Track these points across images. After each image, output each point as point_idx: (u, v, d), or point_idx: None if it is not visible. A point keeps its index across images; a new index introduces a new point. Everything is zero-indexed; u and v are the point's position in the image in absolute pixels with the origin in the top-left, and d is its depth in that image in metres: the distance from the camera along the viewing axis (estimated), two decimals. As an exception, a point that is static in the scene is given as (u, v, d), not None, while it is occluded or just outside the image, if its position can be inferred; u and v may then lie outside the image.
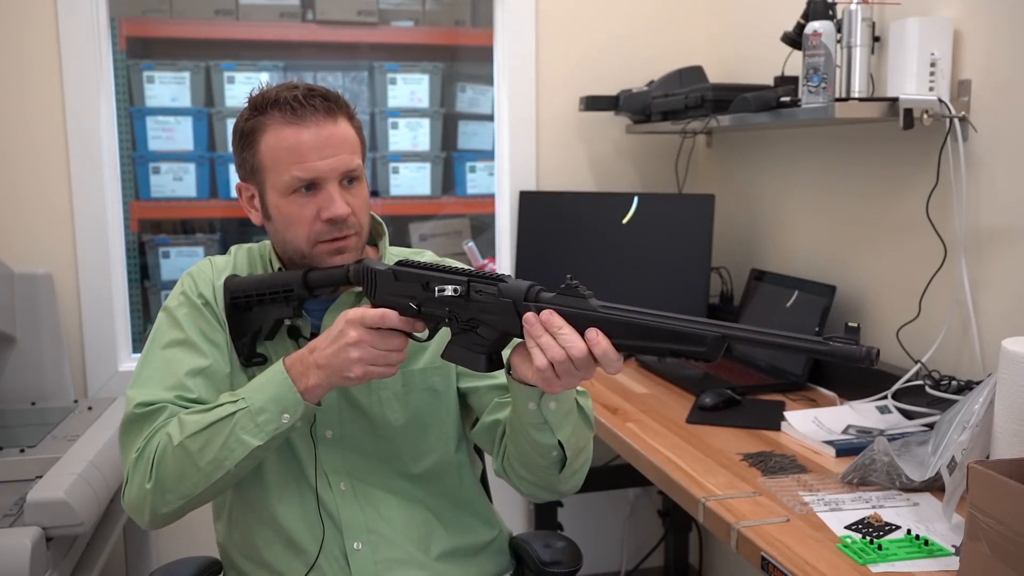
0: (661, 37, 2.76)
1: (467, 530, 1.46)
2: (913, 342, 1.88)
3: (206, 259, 1.45)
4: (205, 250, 2.96)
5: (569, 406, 1.26)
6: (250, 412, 1.24)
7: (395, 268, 1.27)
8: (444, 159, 3.02)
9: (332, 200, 1.30)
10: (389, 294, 1.26)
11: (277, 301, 1.35)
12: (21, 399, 2.27)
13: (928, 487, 1.45)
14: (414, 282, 1.25)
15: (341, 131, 1.31)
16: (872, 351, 0.96)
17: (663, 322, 1.10)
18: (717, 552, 2.76)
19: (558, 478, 1.33)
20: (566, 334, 1.11)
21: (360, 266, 1.30)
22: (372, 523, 1.37)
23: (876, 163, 2.05)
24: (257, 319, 1.37)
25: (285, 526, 1.37)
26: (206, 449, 1.24)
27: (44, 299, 2.30)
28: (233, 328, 1.37)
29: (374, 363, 1.22)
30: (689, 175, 2.77)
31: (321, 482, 1.37)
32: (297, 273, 1.35)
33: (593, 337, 1.10)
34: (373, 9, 2.97)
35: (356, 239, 1.35)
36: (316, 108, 1.29)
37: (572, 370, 1.12)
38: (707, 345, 1.05)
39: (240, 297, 1.37)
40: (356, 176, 1.34)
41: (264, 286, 1.36)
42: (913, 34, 1.76)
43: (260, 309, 1.36)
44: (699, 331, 1.06)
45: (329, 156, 1.29)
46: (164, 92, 2.85)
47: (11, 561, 1.54)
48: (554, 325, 1.12)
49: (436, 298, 1.22)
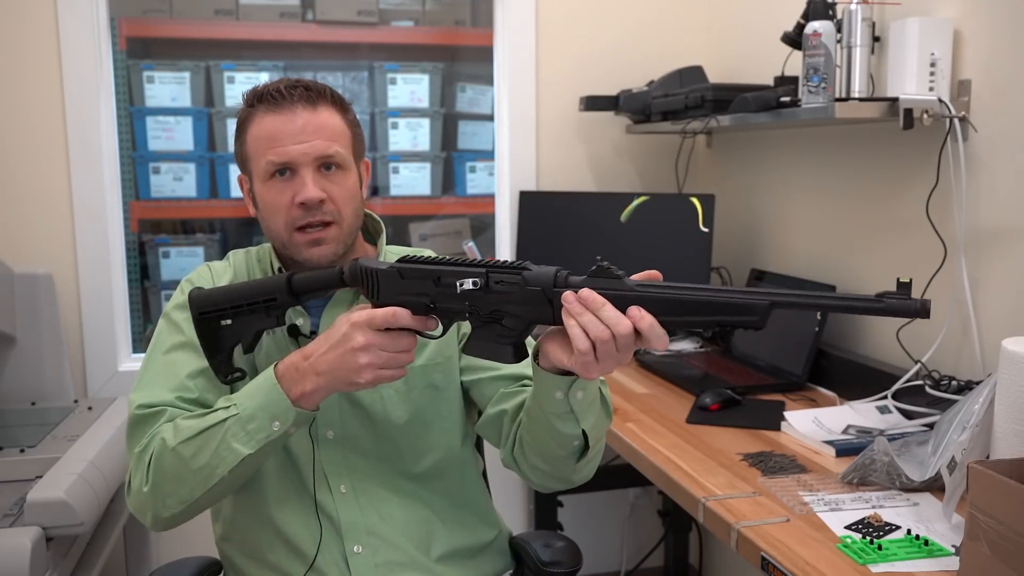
0: (661, 37, 2.76)
1: (468, 530, 1.46)
2: (913, 342, 1.88)
3: (204, 264, 1.45)
4: (205, 250, 2.96)
5: (595, 395, 1.24)
6: (240, 419, 1.22)
7: (400, 266, 1.21)
8: (444, 159, 3.02)
9: (304, 183, 1.30)
10: (396, 293, 1.21)
11: (257, 311, 1.27)
12: (21, 399, 2.27)
13: (928, 487, 1.45)
14: (424, 278, 1.19)
15: (320, 119, 1.32)
16: (927, 303, 0.97)
17: (706, 295, 1.06)
18: (717, 552, 2.76)
19: (574, 467, 1.31)
20: (609, 312, 1.07)
21: (357, 265, 1.24)
22: (372, 526, 1.37)
23: (876, 163, 2.05)
24: (233, 333, 1.28)
25: (284, 529, 1.36)
26: (198, 456, 1.23)
27: (44, 299, 2.30)
28: (205, 345, 1.29)
29: (385, 367, 1.19)
30: (689, 175, 2.77)
31: (320, 485, 1.36)
32: (280, 278, 1.28)
33: (637, 313, 1.06)
34: (373, 9, 2.97)
35: (335, 229, 1.33)
36: (296, 97, 1.31)
37: (613, 351, 1.07)
38: (759, 314, 1.03)
39: (211, 311, 1.28)
40: (336, 163, 1.33)
41: (241, 296, 1.28)
42: (913, 34, 1.76)
43: (237, 322, 1.28)
44: (750, 301, 1.04)
45: (303, 141, 1.30)
46: (164, 92, 2.85)
47: (11, 561, 1.54)
48: (596, 303, 1.08)
49: (455, 293, 1.17)
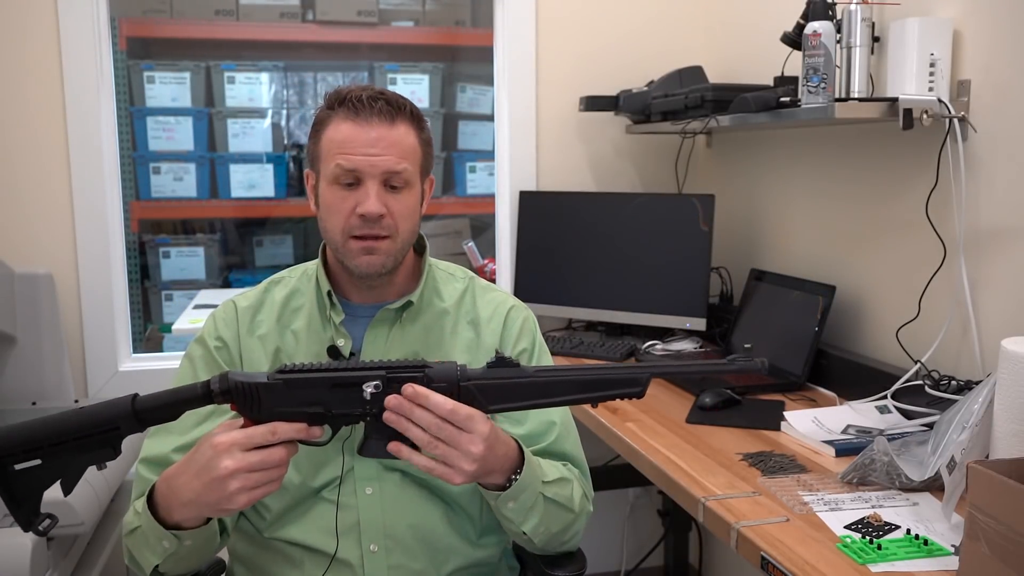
0: (661, 37, 2.76)
1: (485, 546, 1.44)
2: (913, 342, 1.88)
3: (230, 300, 1.45)
4: (205, 250, 2.96)
5: (531, 501, 1.27)
6: (143, 532, 1.21)
7: (287, 376, 1.12)
8: (444, 159, 3.02)
9: (367, 196, 1.31)
10: (281, 406, 1.12)
11: (89, 448, 1.09)
12: (21, 399, 2.27)
13: (928, 487, 1.45)
14: (317, 387, 1.12)
15: (395, 134, 1.32)
16: (765, 361, 1.17)
17: (598, 374, 1.16)
18: (717, 552, 2.76)
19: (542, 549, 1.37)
20: (435, 399, 1.11)
21: (229, 381, 1.12)
22: (392, 529, 1.36)
23: (876, 163, 2.05)
24: (47, 475, 1.09)
25: (299, 539, 1.36)
26: (135, 551, 1.25)
27: (44, 299, 2.30)
28: (9, 496, 1.09)
29: (258, 486, 1.10)
30: (689, 175, 2.77)
31: (347, 485, 1.35)
32: (123, 403, 1.11)
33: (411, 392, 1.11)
34: (373, 9, 2.98)
35: (390, 243, 1.34)
36: (377, 110, 1.31)
37: (455, 432, 1.11)
38: (642, 384, 1.16)
39: (18, 455, 1.08)
40: (402, 181, 1.33)
41: (64, 431, 1.09)
42: (913, 34, 1.76)
43: (54, 462, 1.09)
44: (632, 375, 1.16)
45: (374, 154, 1.31)
46: (164, 92, 2.86)
47: (12, 561, 1.54)
48: (420, 396, 1.11)
49: (357, 398, 1.12)
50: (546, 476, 1.31)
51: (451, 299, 1.45)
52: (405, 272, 1.42)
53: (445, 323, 1.43)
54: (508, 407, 1.17)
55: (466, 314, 1.45)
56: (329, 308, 1.39)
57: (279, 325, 1.41)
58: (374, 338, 1.38)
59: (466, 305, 1.46)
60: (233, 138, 3.06)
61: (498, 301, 1.48)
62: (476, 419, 1.13)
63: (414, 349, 1.39)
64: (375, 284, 1.38)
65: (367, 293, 1.40)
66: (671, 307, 2.49)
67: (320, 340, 1.38)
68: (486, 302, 1.47)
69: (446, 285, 1.47)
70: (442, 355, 1.40)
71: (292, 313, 1.42)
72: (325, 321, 1.40)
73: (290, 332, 1.41)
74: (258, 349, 1.40)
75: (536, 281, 2.66)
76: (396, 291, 1.41)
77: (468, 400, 1.14)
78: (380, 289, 1.40)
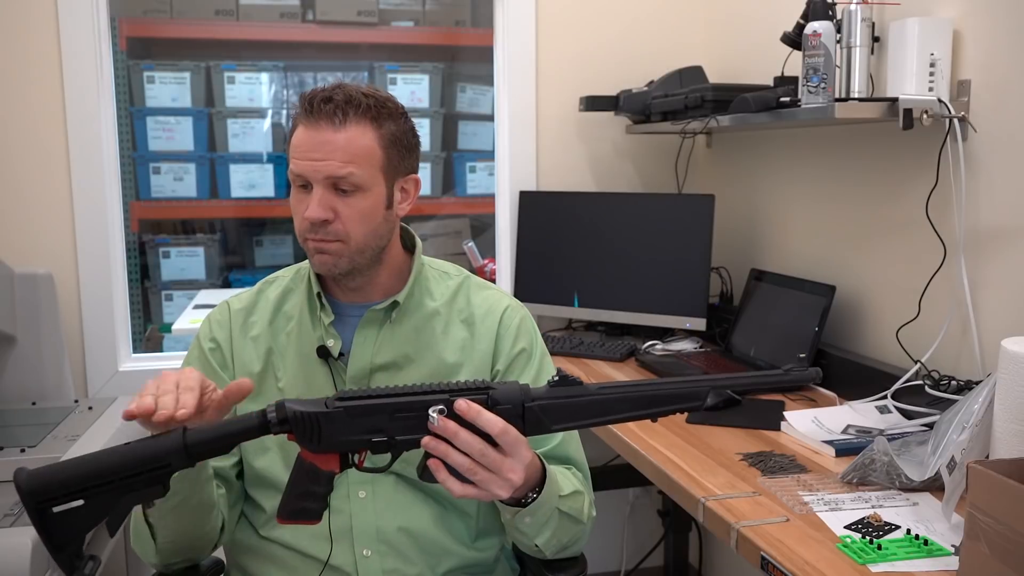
0: (661, 37, 2.76)
1: (481, 549, 1.43)
2: (913, 342, 1.88)
3: (224, 302, 1.46)
4: (205, 250, 2.97)
5: (547, 516, 1.26)
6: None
7: (346, 405, 1.09)
8: (444, 159, 3.02)
9: (310, 202, 1.29)
10: (343, 435, 1.10)
11: (136, 487, 1.03)
12: (21, 399, 2.27)
13: (928, 487, 1.45)
14: (378, 413, 1.10)
15: (342, 138, 1.28)
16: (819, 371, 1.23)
17: (660, 389, 1.16)
18: (717, 552, 2.76)
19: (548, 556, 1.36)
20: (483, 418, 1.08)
21: (287, 411, 1.09)
22: (385, 532, 1.35)
23: (876, 163, 2.05)
24: (91, 515, 1.03)
25: (291, 543, 1.36)
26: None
27: (44, 299, 2.30)
28: (49, 540, 1.02)
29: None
30: (689, 175, 2.77)
31: (340, 488, 1.34)
32: (174, 438, 1.05)
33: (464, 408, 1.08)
34: (373, 9, 2.98)
35: (340, 246, 1.30)
36: (325, 112, 1.28)
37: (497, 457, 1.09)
38: (702, 399, 1.18)
39: (59, 497, 1.01)
40: (350, 185, 1.29)
41: (110, 471, 1.03)
42: (913, 34, 1.76)
43: (98, 501, 1.02)
44: (693, 389, 1.18)
45: (316, 159, 1.28)
46: (164, 92, 2.86)
47: (12, 561, 1.54)
48: (472, 413, 1.08)
49: (419, 423, 1.09)
50: (562, 490, 1.29)
51: (442, 298, 1.43)
52: (392, 272, 1.40)
53: (436, 323, 1.41)
54: (571, 426, 1.15)
55: (459, 312, 1.43)
56: (319, 309, 1.39)
57: (272, 327, 1.41)
58: (363, 339, 1.37)
59: (459, 303, 1.44)
60: (233, 138, 3.07)
61: (493, 299, 1.45)
62: (521, 445, 1.11)
63: (404, 351, 1.38)
64: (352, 285, 1.38)
65: (351, 294, 1.40)
66: (671, 307, 2.49)
67: (311, 340, 1.38)
68: (481, 300, 1.45)
69: (438, 284, 1.45)
70: (434, 356, 1.39)
71: (284, 314, 1.42)
72: (316, 321, 1.39)
73: (283, 333, 1.41)
74: (251, 350, 1.40)
75: (536, 281, 2.66)
76: (382, 291, 1.40)
77: (533, 421, 1.11)
78: (363, 290, 1.39)
